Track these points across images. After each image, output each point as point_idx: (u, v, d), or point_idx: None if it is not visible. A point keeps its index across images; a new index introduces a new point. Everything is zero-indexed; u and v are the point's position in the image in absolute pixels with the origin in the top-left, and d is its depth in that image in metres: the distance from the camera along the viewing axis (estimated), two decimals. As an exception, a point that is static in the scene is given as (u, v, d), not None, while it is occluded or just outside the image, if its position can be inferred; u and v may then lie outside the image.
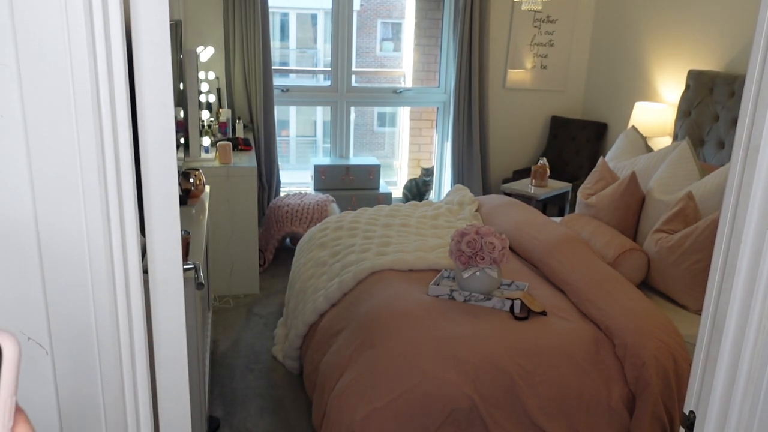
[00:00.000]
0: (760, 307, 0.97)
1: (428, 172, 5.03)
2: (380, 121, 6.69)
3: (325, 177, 4.80)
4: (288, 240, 4.64)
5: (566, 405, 2.17)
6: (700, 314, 1.11)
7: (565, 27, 5.08)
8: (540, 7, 4.23)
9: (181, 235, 0.96)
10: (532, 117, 5.27)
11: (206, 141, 3.93)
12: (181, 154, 3.54)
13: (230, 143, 3.83)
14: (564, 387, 2.18)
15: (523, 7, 4.06)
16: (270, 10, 4.54)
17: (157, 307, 0.95)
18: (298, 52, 6.87)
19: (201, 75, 4.03)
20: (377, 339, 2.30)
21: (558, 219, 3.66)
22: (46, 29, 0.74)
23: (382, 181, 4.92)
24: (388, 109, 6.30)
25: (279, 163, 4.78)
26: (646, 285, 2.96)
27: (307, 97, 5.15)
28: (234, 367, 3.11)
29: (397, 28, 6.37)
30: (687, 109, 3.83)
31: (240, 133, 4.27)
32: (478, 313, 2.46)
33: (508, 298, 2.51)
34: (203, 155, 3.82)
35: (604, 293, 2.50)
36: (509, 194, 4.31)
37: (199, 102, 3.85)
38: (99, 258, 0.82)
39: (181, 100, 3.33)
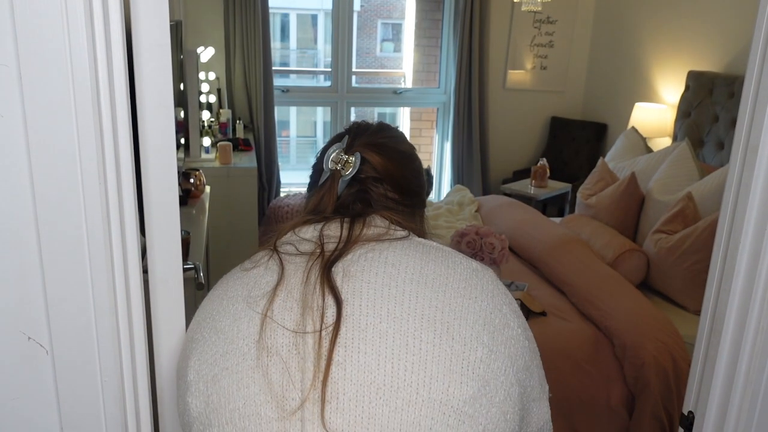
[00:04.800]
0: (759, 308, 0.97)
1: (425, 173, 5.02)
2: (380, 121, 6.68)
3: (325, 177, 4.78)
4: (288, 240, 4.64)
5: (566, 405, 2.17)
6: (699, 314, 1.11)
7: (565, 27, 5.08)
8: (540, 8, 4.23)
9: (181, 235, 0.96)
10: (532, 117, 5.27)
11: (206, 141, 3.93)
12: (182, 155, 3.54)
13: (230, 143, 3.83)
14: (564, 387, 2.18)
15: (523, 7, 4.06)
16: (270, 10, 4.54)
17: (157, 307, 0.95)
18: (299, 53, 6.87)
19: (201, 75, 4.03)
20: (377, 339, 2.30)
21: (558, 219, 3.66)
22: (46, 29, 0.75)
23: (382, 182, 4.91)
24: (388, 110, 6.30)
25: (279, 164, 4.78)
26: (645, 285, 2.96)
27: (307, 97, 5.15)
28: (234, 368, 3.10)
29: (397, 29, 6.37)
30: (687, 110, 3.83)
31: (240, 134, 4.28)
32: (478, 313, 2.45)
33: (507, 299, 2.50)
34: (203, 155, 3.82)
35: (603, 294, 2.50)
36: (509, 195, 4.31)
37: (200, 102, 3.85)
38: (99, 258, 0.82)
39: (181, 100, 3.34)
